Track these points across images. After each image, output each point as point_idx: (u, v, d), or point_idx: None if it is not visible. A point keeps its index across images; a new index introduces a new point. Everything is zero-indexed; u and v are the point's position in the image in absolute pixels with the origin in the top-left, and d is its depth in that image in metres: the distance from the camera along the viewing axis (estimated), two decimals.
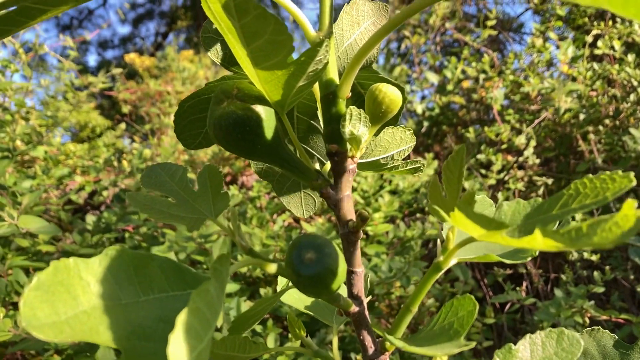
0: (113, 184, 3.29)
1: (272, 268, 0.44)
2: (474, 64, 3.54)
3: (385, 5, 0.63)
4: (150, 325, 0.36)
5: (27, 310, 0.31)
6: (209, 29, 0.56)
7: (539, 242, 0.32)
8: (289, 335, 1.96)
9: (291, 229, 2.68)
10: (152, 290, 0.38)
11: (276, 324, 2.18)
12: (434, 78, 3.65)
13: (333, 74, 0.46)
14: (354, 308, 0.46)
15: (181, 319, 0.30)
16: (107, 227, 2.51)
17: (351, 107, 0.45)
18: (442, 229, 0.49)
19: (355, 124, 0.45)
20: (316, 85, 0.48)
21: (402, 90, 0.63)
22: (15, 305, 1.99)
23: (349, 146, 0.46)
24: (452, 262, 0.45)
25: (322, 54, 0.41)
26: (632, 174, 0.35)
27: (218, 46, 0.56)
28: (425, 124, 3.75)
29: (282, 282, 0.58)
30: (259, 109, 0.44)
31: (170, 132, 3.55)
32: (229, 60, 0.57)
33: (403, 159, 0.58)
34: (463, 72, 3.56)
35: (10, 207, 1.95)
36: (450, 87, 3.51)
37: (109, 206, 3.33)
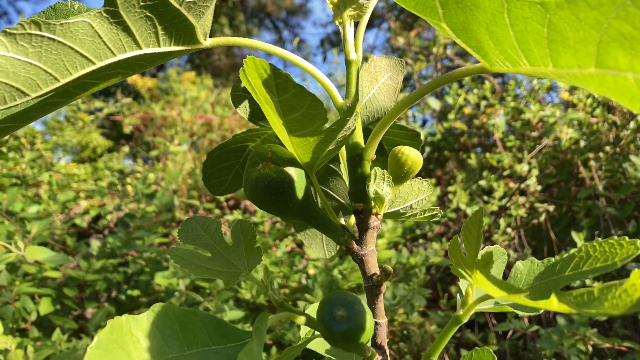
0: (117, 208, 3.32)
1: (302, 320, 0.47)
2: (475, 90, 3.60)
3: (401, 61, 0.67)
4: None
5: None
6: (238, 87, 0.60)
7: (554, 305, 0.35)
8: None
9: (294, 255, 2.70)
10: (196, 345, 0.41)
11: (279, 351, 2.19)
12: (435, 104, 3.70)
13: (359, 137, 0.50)
14: (378, 357, 0.49)
15: None
16: (111, 253, 2.52)
17: (375, 168, 0.48)
18: (460, 282, 0.52)
19: (380, 184, 0.48)
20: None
21: (417, 135, 0.67)
22: (22, 332, 2.00)
23: (373, 204, 0.50)
24: (471, 313, 0.48)
25: (351, 122, 0.44)
26: (638, 242, 0.38)
27: (246, 103, 0.60)
28: (427, 149, 3.79)
29: (305, 329, 0.61)
30: (291, 171, 0.47)
31: (176, 158, 3.58)
32: (256, 115, 0.61)
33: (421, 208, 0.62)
34: (464, 98, 3.61)
35: (19, 236, 1.97)
36: (452, 115, 3.56)
37: (113, 230, 3.36)
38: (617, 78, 0.29)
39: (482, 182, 3.09)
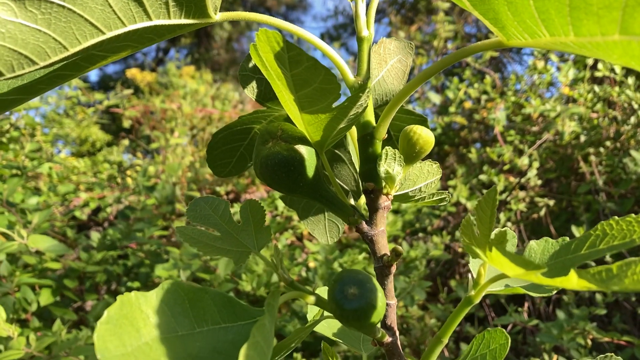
0: (117, 200, 3.32)
1: (311, 299, 0.46)
2: (475, 84, 3.59)
3: (410, 44, 0.66)
4: (206, 356, 0.38)
5: (100, 343, 0.33)
6: (246, 67, 0.59)
7: (573, 282, 0.35)
8: (294, 355, 1.98)
9: (294, 248, 2.70)
10: (206, 322, 0.40)
11: (279, 341, 2.18)
12: (435, 98, 3.70)
13: (370, 116, 0.49)
14: (388, 339, 0.48)
15: (244, 352, 0.32)
16: (112, 245, 2.52)
17: (387, 147, 0.48)
18: (470, 264, 0.51)
19: (391, 164, 0.47)
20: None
21: (425, 120, 0.66)
22: (23, 323, 2.00)
23: (384, 184, 0.49)
24: (483, 294, 0.47)
25: (363, 99, 0.44)
26: None
27: (254, 83, 0.59)
28: None
29: (312, 312, 0.60)
30: (302, 149, 0.47)
31: (176, 150, 3.57)
32: (263, 96, 0.60)
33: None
34: (465, 92, 3.61)
35: (20, 225, 1.97)
36: (452, 108, 3.55)
37: (113, 223, 3.35)
38: None
39: (483, 177, 3.09)
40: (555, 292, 0.50)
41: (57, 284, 2.11)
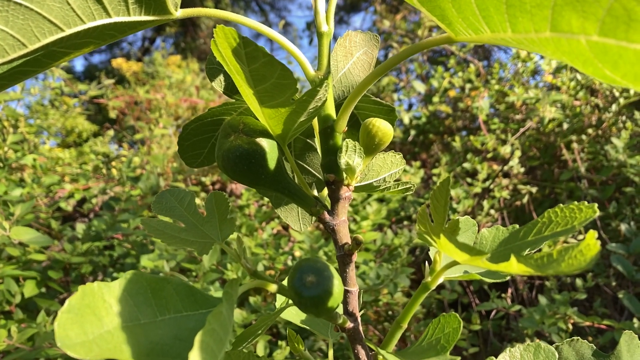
0: (102, 191, 3.31)
1: (273, 288, 0.48)
2: (460, 73, 3.61)
3: (376, 36, 0.67)
4: (168, 343, 0.40)
5: (61, 331, 0.35)
6: (213, 60, 0.60)
7: (514, 267, 0.36)
8: (278, 342, 2.00)
9: (280, 237, 2.71)
10: (168, 311, 0.41)
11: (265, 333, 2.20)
12: (420, 87, 3.71)
13: (331, 109, 0.51)
14: (349, 324, 0.50)
15: (199, 338, 0.34)
16: (97, 236, 2.52)
17: (347, 139, 0.49)
18: (430, 251, 0.53)
19: (351, 155, 0.49)
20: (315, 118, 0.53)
21: (392, 110, 0.67)
22: (7, 315, 2.00)
23: (345, 175, 0.50)
24: (439, 281, 0.49)
25: (321, 93, 0.45)
26: (595, 206, 0.39)
27: (221, 77, 0.60)
28: (412, 132, 3.80)
29: (280, 299, 0.62)
30: (264, 142, 0.48)
31: (161, 141, 3.57)
32: (231, 89, 0.61)
33: (394, 180, 0.63)
34: (449, 81, 3.62)
35: (2, 217, 1.97)
36: (436, 98, 3.57)
37: (98, 214, 3.35)
38: (571, 41, 0.30)
39: (466, 165, 3.12)
40: (508, 278, 0.52)
41: (42, 276, 2.11)
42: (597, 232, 0.34)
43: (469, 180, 3.13)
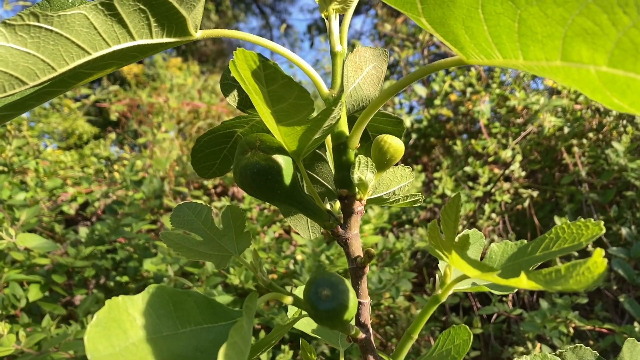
0: (105, 195, 3.32)
1: (289, 300, 0.49)
2: (461, 77, 3.63)
3: (385, 51, 0.69)
4: (189, 354, 0.41)
5: (90, 345, 0.36)
6: (227, 76, 0.62)
7: (524, 282, 0.38)
8: (281, 346, 2.01)
9: (282, 241, 2.73)
10: (189, 323, 0.43)
11: (267, 333, 2.21)
12: (421, 91, 3.73)
13: (344, 126, 0.52)
14: (361, 335, 0.51)
15: (222, 351, 0.35)
16: (100, 239, 2.53)
17: (359, 155, 0.51)
18: (439, 264, 0.54)
19: (363, 171, 0.50)
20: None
21: (400, 122, 0.69)
22: (12, 319, 2.01)
23: (357, 190, 0.52)
24: (449, 293, 0.50)
25: (336, 112, 0.46)
26: (602, 223, 0.41)
27: (235, 92, 0.62)
28: (414, 136, 3.82)
29: (292, 310, 0.63)
30: (279, 159, 0.50)
31: (163, 145, 3.58)
32: (244, 104, 0.63)
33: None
34: (450, 85, 3.64)
35: (8, 223, 1.98)
36: (438, 101, 3.59)
37: (101, 217, 3.36)
38: (581, 70, 0.32)
39: (468, 168, 3.13)
40: (515, 290, 0.53)
41: (46, 280, 2.13)
42: (599, 237, 0.36)
43: (470, 184, 3.15)
